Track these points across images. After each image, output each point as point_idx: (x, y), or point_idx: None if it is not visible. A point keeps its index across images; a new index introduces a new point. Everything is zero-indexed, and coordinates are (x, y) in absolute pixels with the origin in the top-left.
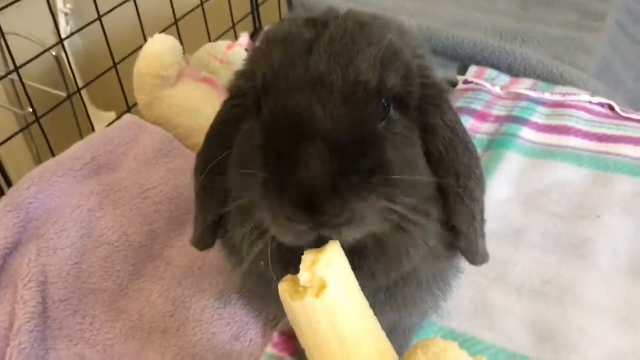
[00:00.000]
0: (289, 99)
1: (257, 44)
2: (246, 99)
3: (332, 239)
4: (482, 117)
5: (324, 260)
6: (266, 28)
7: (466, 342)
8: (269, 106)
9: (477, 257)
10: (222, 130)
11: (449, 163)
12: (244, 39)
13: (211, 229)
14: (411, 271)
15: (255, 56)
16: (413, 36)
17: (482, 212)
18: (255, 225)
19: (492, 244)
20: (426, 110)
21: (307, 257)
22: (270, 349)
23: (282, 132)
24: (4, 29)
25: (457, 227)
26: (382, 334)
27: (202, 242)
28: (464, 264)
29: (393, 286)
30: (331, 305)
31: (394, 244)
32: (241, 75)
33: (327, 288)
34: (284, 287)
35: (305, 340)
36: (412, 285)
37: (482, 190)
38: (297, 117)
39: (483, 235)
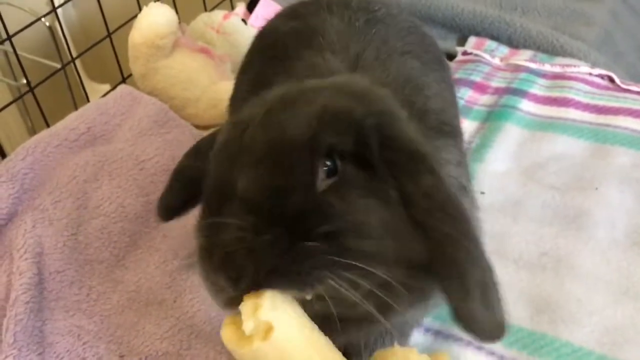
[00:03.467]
0: (218, 169)
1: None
2: None
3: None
4: (481, 88)
5: (267, 304)
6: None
7: None
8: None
9: (485, 333)
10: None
11: (430, 232)
12: (240, 8)
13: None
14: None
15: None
16: (377, 96)
17: (481, 283)
18: None
19: (490, 215)
20: (395, 175)
21: (247, 304)
22: None
23: (211, 199)
24: None
25: (450, 301)
26: (338, 355)
27: (162, 215)
28: None
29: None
30: (281, 346)
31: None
32: None
33: (274, 330)
34: (227, 335)
35: None
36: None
37: (474, 261)
38: (220, 183)
39: (490, 305)
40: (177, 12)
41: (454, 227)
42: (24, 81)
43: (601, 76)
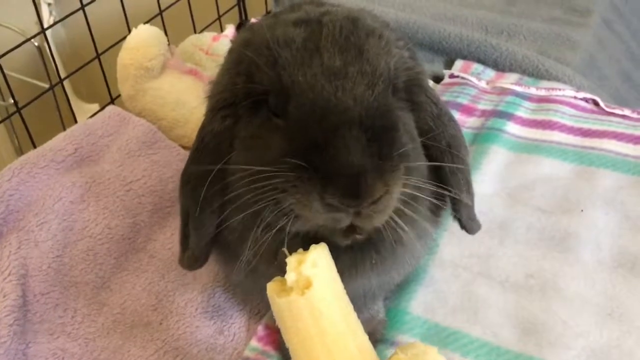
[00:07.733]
0: (316, 94)
1: (235, 53)
2: (235, 108)
3: (361, 227)
4: (467, 111)
5: (310, 260)
6: (243, 34)
7: (450, 336)
8: (296, 104)
9: (474, 224)
10: (216, 142)
11: (439, 135)
12: (230, 30)
13: (208, 244)
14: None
15: (242, 64)
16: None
17: (469, 181)
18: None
19: (477, 237)
20: (411, 90)
21: (293, 259)
22: (254, 343)
23: (315, 125)
24: None
25: (457, 196)
26: (364, 335)
27: (199, 261)
28: (446, 256)
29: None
30: (315, 303)
31: (403, 234)
32: (224, 87)
33: (312, 286)
34: (271, 287)
35: (289, 337)
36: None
37: (469, 158)
38: (329, 109)
39: (472, 197)
40: (166, 33)
41: (456, 129)
42: (12, 101)
43: (586, 100)
